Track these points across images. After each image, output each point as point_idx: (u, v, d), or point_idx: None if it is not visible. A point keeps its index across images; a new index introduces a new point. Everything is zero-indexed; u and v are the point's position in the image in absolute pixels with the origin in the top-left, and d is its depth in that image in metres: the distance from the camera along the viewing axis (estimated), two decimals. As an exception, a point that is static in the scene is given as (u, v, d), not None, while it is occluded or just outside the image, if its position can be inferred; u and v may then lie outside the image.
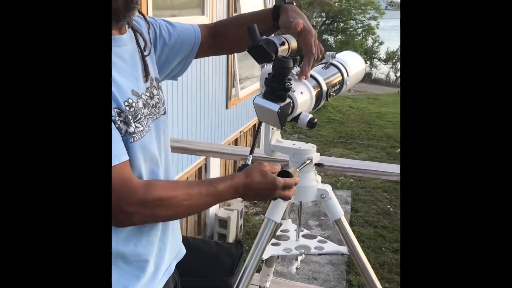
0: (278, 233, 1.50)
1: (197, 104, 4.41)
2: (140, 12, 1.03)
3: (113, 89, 0.88)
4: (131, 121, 0.91)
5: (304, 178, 1.28)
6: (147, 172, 0.96)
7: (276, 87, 0.99)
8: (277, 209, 1.30)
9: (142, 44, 1.03)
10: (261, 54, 1.04)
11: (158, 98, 1.06)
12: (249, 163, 1.15)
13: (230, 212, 4.91)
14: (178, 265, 1.16)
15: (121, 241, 0.93)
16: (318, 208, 5.84)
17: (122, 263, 0.94)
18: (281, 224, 1.54)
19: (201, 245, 2.44)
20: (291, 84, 1.00)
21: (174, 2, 4.38)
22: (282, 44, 1.08)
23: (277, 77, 0.99)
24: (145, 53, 1.02)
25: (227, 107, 5.20)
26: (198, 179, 4.67)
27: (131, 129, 0.91)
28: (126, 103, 0.91)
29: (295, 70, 1.17)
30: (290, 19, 1.05)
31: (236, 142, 5.64)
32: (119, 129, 0.89)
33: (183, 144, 2.42)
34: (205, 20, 4.40)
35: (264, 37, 1.06)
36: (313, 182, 1.30)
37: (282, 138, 1.34)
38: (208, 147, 2.34)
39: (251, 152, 1.21)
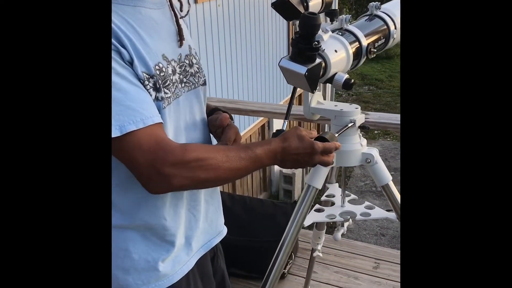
0: (323, 198, 1.44)
1: (257, 64, 4.34)
2: None
3: (143, 52, 0.84)
4: (161, 86, 0.87)
5: (347, 141, 1.19)
6: (175, 140, 0.93)
7: (303, 47, 0.91)
8: (318, 175, 1.23)
9: (177, 6, 0.98)
10: (288, 10, 0.95)
11: (197, 67, 1.01)
12: (284, 128, 1.09)
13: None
14: (234, 226, 1.12)
15: (147, 212, 0.92)
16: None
17: (150, 235, 0.93)
18: (327, 189, 1.47)
19: (257, 205, 2.45)
20: (319, 43, 0.91)
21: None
22: (313, -3, 0.98)
23: (304, 36, 0.90)
24: (179, 15, 0.98)
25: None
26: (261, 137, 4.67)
27: (162, 94, 0.87)
28: (157, 67, 0.87)
29: (331, 26, 1.06)
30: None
31: (300, 98, 5.53)
32: (149, 93, 0.85)
33: (237, 105, 2.39)
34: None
35: (294, -10, 0.97)
36: (357, 146, 1.21)
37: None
38: (260, 107, 2.29)
39: (286, 117, 1.14)
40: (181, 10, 0.98)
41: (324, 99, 1.26)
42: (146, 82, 0.84)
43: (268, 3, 4.44)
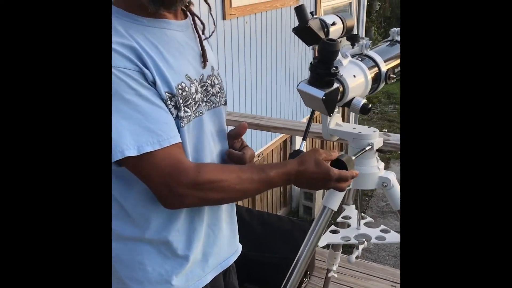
0: (339, 219, 1.44)
1: (281, 80, 4.37)
2: (193, 13, 1.02)
3: (166, 72, 0.88)
4: (182, 105, 0.91)
5: (364, 165, 1.20)
6: (194, 159, 0.96)
7: (322, 73, 0.93)
8: (335, 197, 1.24)
9: (200, 29, 1.02)
10: (309, 35, 0.97)
11: (219, 88, 1.05)
12: (302, 149, 1.11)
13: (316, 186, 4.87)
14: (251, 241, 1.14)
15: (163, 227, 0.95)
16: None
17: (164, 249, 0.96)
18: (344, 210, 1.48)
19: (274, 221, 2.46)
20: (337, 69, 0.93)
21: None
22: (334, 24, 1.00)
23: (322, 61, 0.92)
24: (203, 37, 1.02)
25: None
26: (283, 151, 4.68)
27: (181, 114, 0.91)
28: (180, 87, 0.90)
29: (351, 51, 1.08)
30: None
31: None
32: (170, 112, 0.89)
33: (259, 120, 2.41)
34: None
35: (315, 16, 0.99)
36: (374, 169, 1.22)
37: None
38: (282, 123, 2.31)
39: (304, 137, 1.16)
40: (203, 33, 1.02)
41: (348, 118, 1.28)
42: (169, 102, 0.88)
43: (294, 23, 4.48)
